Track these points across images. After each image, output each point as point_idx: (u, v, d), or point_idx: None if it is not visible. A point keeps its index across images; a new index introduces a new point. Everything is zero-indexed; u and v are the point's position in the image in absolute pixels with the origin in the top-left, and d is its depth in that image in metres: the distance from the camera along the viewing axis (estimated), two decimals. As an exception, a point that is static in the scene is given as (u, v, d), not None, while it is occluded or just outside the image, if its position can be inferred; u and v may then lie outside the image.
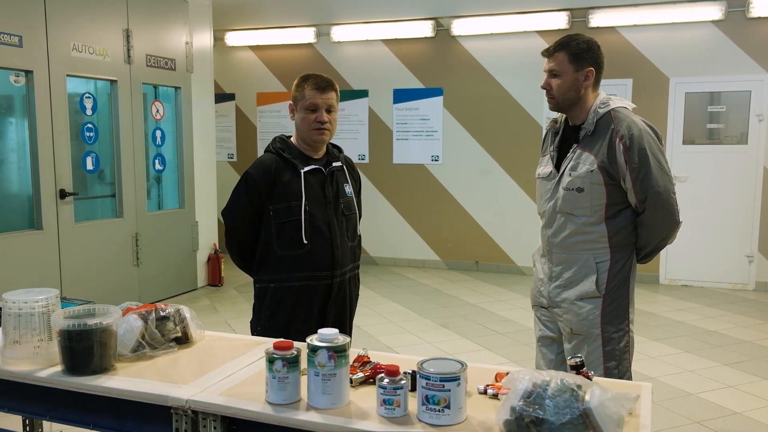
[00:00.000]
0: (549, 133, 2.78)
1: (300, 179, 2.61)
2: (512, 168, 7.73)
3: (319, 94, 2.61)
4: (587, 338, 2.57)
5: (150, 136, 6.47)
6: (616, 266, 2.56)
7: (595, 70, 2.56)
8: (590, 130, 2.53)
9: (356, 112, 8.28)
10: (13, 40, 4.93)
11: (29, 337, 1.95)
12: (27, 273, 5.05)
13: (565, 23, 7.30)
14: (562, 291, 2.63)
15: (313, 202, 2.63)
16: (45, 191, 5.21)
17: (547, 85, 2.60)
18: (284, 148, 2.67)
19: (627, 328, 2.60)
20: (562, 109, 2.64)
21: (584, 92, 2.56)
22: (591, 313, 2.56)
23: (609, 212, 2.53)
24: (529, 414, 1.50)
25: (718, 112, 7.00)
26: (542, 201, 2.73)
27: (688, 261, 7.15)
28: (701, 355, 4.94)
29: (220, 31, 8.60)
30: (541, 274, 2.76)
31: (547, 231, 2.69)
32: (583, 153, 2.54)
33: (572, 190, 2.54)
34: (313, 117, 2.60)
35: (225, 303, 6.48)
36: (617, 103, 2.56)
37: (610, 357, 2.57)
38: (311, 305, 2.66)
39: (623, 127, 2.47)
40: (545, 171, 2.72)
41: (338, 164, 2.76)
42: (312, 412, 1.68)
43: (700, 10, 6.86)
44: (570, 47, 2.55)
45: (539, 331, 2.81)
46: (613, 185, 2.50)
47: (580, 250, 2.58)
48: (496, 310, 6.24)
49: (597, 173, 2.48)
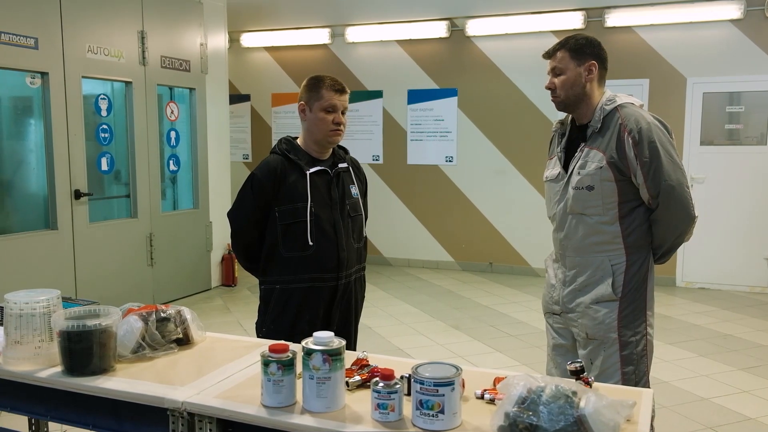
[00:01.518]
0: (555, 135, 2.74)
1: (306, 181, 2.61)
2: (527, 169, 7.68)
3: (338, 95, 2.62)
4: (604, 343, 2.51)
5: (165, 136, 6.52)
6: (633, 268, 2.50)
7: (597, 64, 2.52)
8: (597, 127, 2.49)
9: (370, 113, 8.27)
10: (29, 42, 4.99)
11: (30, 337, 1.97)
12: (42, 272, 5.10)
13: (581, 23, 7.24)
14: (576, 296, 2.56)
15: (319, 204, 2.62)
16: (60, 191, 5.27)
17: (551, 84, 2.57)
18: (290, 150, 2.67)
19: (645, 332, 2.54)
20: (568, 108, 2.59)
21: (589, 88, 2.52)
22: (607, 316, 2.50)
23: (622, 210, 2.47)
24: (523, 420, 1.48)
25: (736, 113, 6.90)
26: (552, 204, 2.68)
27: (705, 263, 7.06)
28: (716, 359, 4.87)
29: (236, 33, 8.65)
30: (553, 280, 2.69)
31: (559, 234, 2.63)
32: (592, 150, 2.49)
33: (582, 189, 2.49)
34: (331, 118, 2.60)
35: (238, 303, 6.50)
36: (624, 99, 2.53)
37: (628, 362, 2.51)
38: (316, 307, 2.65)
39: (631, 121, 2.42)
40: (553, 173, 2.67)
41: (344, 165, 2.75)
42: (306, 415, 1.67)
43: (718, 9, 6.77)
44: (569, 44, 2.53)
45: (552, 340, 2.73)
46: (624, 181, 2.44)
47: (594, 253, 2.51)
48: (509, 312, 6.20)
49: (606, 169, 2.43)
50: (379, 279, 7.56)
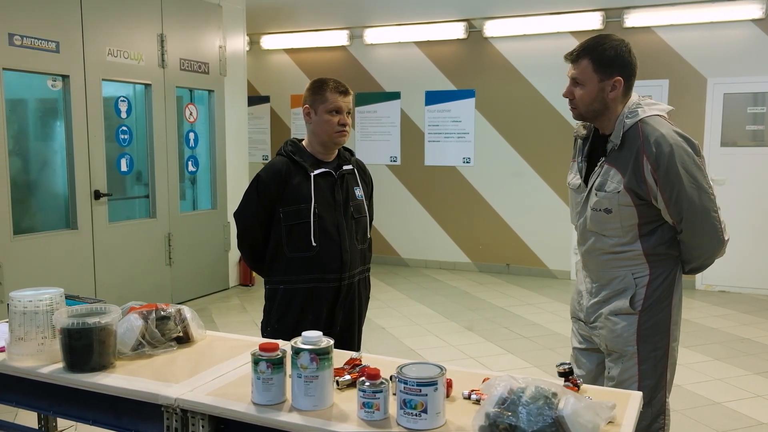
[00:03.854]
0: (577, 139, 2.57)
1: (310, 182, 2.65)
2: (544, 170, 7.65)
3: (342, 97, 2.66)
4: (623, 356, 2.39)
5: (184, 138, 6.61)
6: (657, 280, 2.35)
7: (623, 78, 2.29)
8: (617, 144, 2.30)
9: (388, 114, 8.29)
10: (50, 45, 5.10)
11: (34, 334, 2.03)
12: (62, 271, 5.21)
13: (600, 23, 7.19)
14: (599, 307, 2.45)
15: (323, 205, 2.65)
16: (80, 192, 5.37)
17: (569, 93, 2.36)
18: (295, 152, 2.71)
19: (667, 348, 2.38)
20: (586, 120, 2.43)
21: (611, 102, 2.32)
22: (625, 330, 2.37)
23: (643, 230, 2.33)
24: (503, 421, 1.49)
25: (759, 113, 6.80)
26: (574, 213, 2.57)
27: (725, 266, 6.90)
28: (732, 363, 4.81)
29: (256, 35, 8.74)
30: (581, 286, 2.59)
31: (582, 248, 2.53)
32: (611, 169, 2.32)
33: (600, 211, 2.35)
34: (336, 119, 2.64)
35: (255, 303, 6.57)
36: (647, 112, 2.31)
37: (646, 376, 2.37)
38: (320, 307, 2.69)
39: (651, 142, 2.22)
40: (575, 183, 2.53)
41: (349, 167, 2.78)
42: (294, 413, 1.70)
43: (739, 8, 6.67)
44: (595, 53, 2.29)
45: (577, 343, 2.64)
46: (643, 205, 2.29)
47: (616, 267, 2.39)
48: (524, 313, 6.18)
49: (624, 194, 2.27)
50: (395, 280, 7.58)
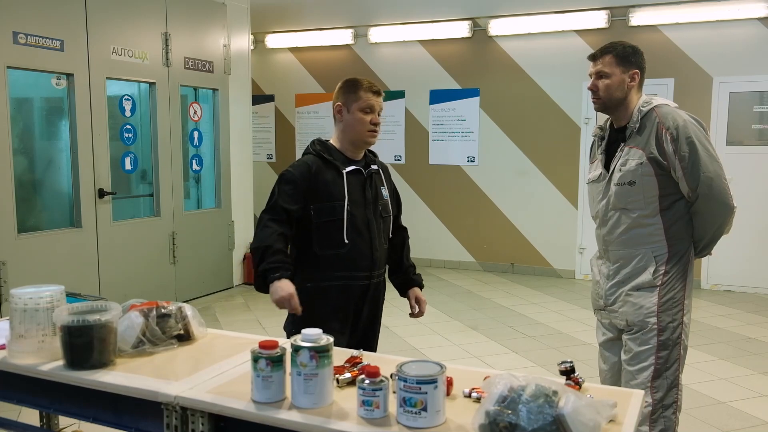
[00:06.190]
0: (596, 139, 2.89)
1: (342, 179, 2.62)
2: (549, 169, 7.63)
3: (375, 97, 2.66)
4: (642, 329, 2.64)
5: (188, 136, 6.62)
6: (674, 258, 2.63)
7: (639, 72, 2.69)
8: (636, 128, 2.64)
9: (393, 113, 8.28)
10: (55, 44, 5.11)
11: (34, 331, 2.03)
12: (67, 270, 5.22)
13: (605, 22, 7.16)
14: (619, 287, 2.70)
15: (355, 203, 2.63)
16: (84, 190, 5.38)
17: (594, 86, 2.70)
18: (324, 150, 2.67)
19: (681, 319, 2.65)
20: (607, 110, 2.74)
21: (629, 93, 2.67)
22: (647, 301, 2.63)
23: (663, 203, 2.61)
24: (503, 419, 1.48)
25: (765, 112, 6.76)
26: (594, 203, 2.84)
27: (731, 265, 6.93)
28: (737, 363, 4.79)
29: (260, 34, 8.74)
30: (597, 276, 2.84)
31: (602, 230, 2.77)
32: (632, 149, 2.64)
33: (624, 185, 2.63)
34: (369, 118, 2.65)
35: (259, 302, 6.57)
36: (660, 101, 2.67)
37: (663, 347, 2.63)
38: (347, 305, 2.66)
39: (668, 119, 2.57)
40: (595, 174, 2.82)
41: (375, 167, 2.78)
42: (293, 411, 1.69)
43: (745, 7, 6.64)
44: (617, 50, 2.67)
45: (602, 336, 2.88)
46: (663, 175, 2.58)
47: (637, 245, 2.65)
48: (528, 313, 6.16)
49: (647, 165, 2.58)
50: (399, 279, 7.55)
